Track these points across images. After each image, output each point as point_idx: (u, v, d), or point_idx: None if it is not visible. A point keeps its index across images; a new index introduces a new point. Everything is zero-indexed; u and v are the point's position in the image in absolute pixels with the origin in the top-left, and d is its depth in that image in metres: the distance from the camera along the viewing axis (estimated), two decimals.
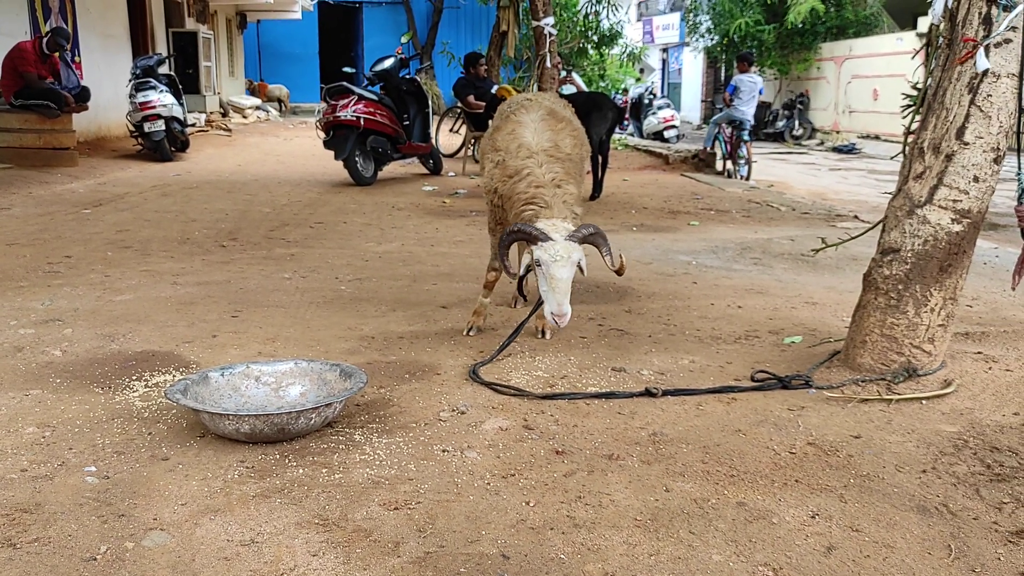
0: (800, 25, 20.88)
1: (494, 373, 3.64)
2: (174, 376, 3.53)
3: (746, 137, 12.84)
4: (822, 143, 21.95)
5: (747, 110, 12.82)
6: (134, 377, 3.53)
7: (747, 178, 12.75)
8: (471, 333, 4.22)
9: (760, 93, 13.36)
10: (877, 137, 20.23)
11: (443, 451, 2.86)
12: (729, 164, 13.23)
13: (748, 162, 12.88)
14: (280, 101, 25.58)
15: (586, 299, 5.03)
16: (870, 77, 20.82)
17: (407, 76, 11.44)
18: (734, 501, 2.54)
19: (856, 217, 8.99)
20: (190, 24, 20.01)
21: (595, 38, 18.11)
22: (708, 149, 13.74)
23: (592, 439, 2.98)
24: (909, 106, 3.80)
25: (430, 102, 11.45)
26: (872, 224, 3.97)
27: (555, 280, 3.50)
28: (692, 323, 4.53)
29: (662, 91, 30.52)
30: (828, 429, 3.08)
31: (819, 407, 3.29)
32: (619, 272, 3.73)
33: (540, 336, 4.21)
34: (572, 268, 3.54)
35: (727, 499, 2.56)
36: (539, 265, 3.53)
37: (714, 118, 13.93)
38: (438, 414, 3.19)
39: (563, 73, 13.81)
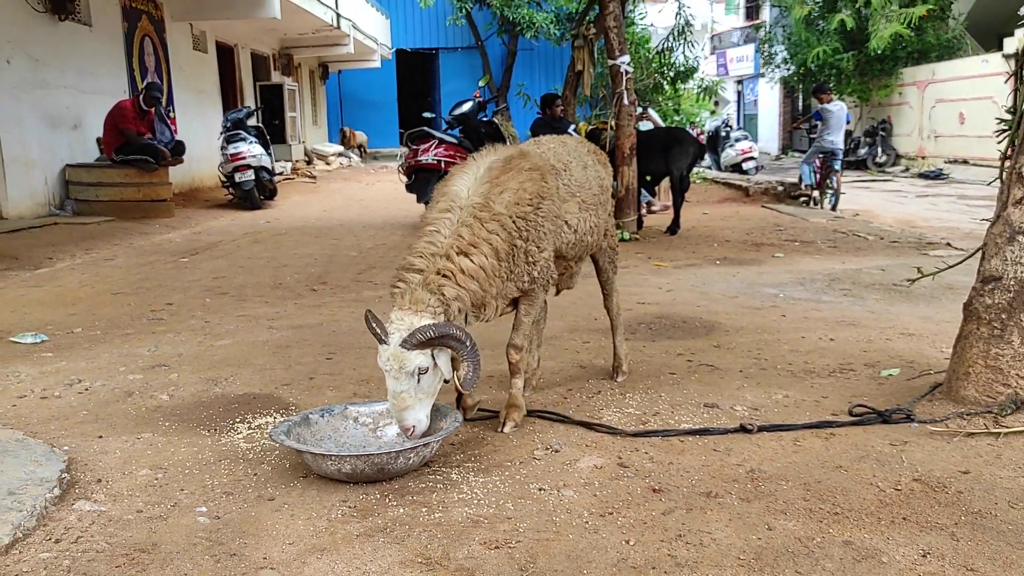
0: (880, 51, 20.52)
1: (586, 411, 3.65)
2: (275, 418, 3.64)
3: (837, 167, 12.56)
4: (907, 169, 21.42)
5: (836, 139, 12.54)
6: (237, 419, 3.65)
7: (834, 208, 12.49)
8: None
9: (848, 121, 13.06)
10: (965, 162, 19.65)
11: (539, 489, 2.88)
12: (815, 193, 12.96)
13: (836, 192, 12.60)
14: (360, 147, 26.33)
15: (673, 335, 5.01)
16: (955, 101, 20.29)
17: (485, 119, 11.64)
18: (840, 540, 2.49)
19: (949, 244, 8.74)
20: (276, 77, 20.90)
21: (671, 74, 18.14)
22: (811, 186, 13.11)
23: (688, 476, 2.96)
24: (1003, 131, 3.71)
25: (508, 143, 11.62)
26: (970, 252, 3.87)
27: (389, 393, 3.00)
28: (783, 357, 4.46)
29: (738, 123, 30.29)
30: (934, 464, 2.99)
31: (923, 442, 3.20)
32: (463, 396, 3.36)
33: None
34: (409, 380, 2.95)
35: (832, 537, 2.50)
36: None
37: (804, 156, 13.58)
38: (532, 452, 3.20)
39: (639, 109, 13.85)
